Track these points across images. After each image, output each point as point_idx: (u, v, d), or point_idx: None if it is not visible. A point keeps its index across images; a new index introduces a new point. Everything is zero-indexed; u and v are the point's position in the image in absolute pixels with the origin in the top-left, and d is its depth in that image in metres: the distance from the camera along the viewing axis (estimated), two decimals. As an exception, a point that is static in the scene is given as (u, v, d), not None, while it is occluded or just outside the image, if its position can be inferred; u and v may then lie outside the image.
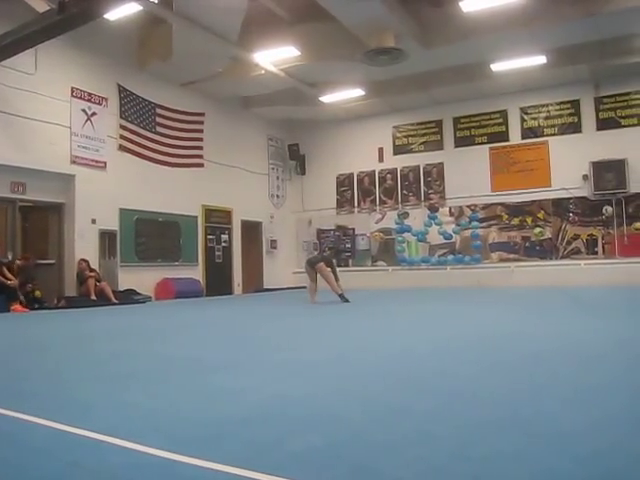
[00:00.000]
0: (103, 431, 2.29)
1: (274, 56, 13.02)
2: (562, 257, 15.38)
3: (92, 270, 11.85)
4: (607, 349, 4.25)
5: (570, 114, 15.60)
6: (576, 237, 15.25)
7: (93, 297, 11.46)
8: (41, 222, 12.11)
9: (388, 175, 17.87)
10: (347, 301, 10.14)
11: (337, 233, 18.00)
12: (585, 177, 15.08)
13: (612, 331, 5.33)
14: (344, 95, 15.59)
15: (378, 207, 17.95)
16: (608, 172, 14.75)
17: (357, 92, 15.51)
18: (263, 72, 13.63)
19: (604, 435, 2.13)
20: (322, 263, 10.58)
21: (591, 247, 15.09)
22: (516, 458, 1.91)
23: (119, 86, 13.18)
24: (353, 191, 18.38)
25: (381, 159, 17.97)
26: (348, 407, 2.68)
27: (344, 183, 18.51)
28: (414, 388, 3.09)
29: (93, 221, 12.28)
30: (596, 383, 3.08)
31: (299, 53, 12.87)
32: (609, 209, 14.79)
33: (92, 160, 12.37)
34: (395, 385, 3.18)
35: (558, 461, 1.85)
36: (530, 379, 3.22)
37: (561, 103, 15.68)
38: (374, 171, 18.08)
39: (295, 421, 2.45)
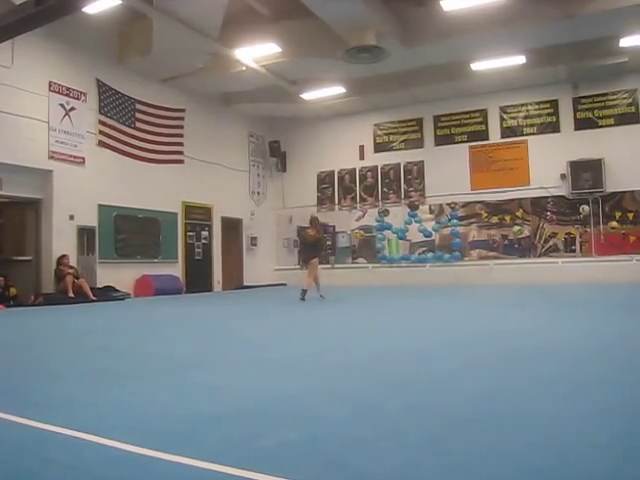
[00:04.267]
0: (78, 428, 2.28)
1: (255, 52, 13.00)
2: (540, 255, 15.56)
3: (70, 267, 11.73)
4: (587, 346, 4.30)
5: (549, 114, 15.78)
6: (554, 235, 15.44)
7: (71, 294, 11.34)
8: (18, 218, 11.94)
9: (369, 173, 17.92)
10: (303, 300, 10.11)
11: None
12: (563, 176, 15.26)
13: (591, 328, 5.41)
14: (325, 92, 15.60)
15: (359, 205, 18.00)
16: (585, 171, 14.95)
17: (338, 90, 15.52)
18: (244, 68, 13.58)
19: (587, 433, 2.15)
20: (316, 259, 10.70)
21: (569, 245, 15.28)
22: (491, 453, 1.92)
23: (98, 81, 13.02)
24: (334, 188, 18.41)
25: (362, 157, 18.01)
26: (322, 404, 2.69)
27: (325, 180, 18.53)
28: (389, 385, 3.11)
29: (71, 217, 12.12)
30: (577, 380, 3.10)
31: (280, 50, 12.82)
32: (586, 208, 14.99)
33: (70, 156, 12.22)
34: (370, 382, 3.19)
35: (538, 458, 1.87)
36: (509, 377, 3.24)
37: (540, 103, 15.85)
38: (355, 169, 18.12)
39: (269, 417, 2.46)
